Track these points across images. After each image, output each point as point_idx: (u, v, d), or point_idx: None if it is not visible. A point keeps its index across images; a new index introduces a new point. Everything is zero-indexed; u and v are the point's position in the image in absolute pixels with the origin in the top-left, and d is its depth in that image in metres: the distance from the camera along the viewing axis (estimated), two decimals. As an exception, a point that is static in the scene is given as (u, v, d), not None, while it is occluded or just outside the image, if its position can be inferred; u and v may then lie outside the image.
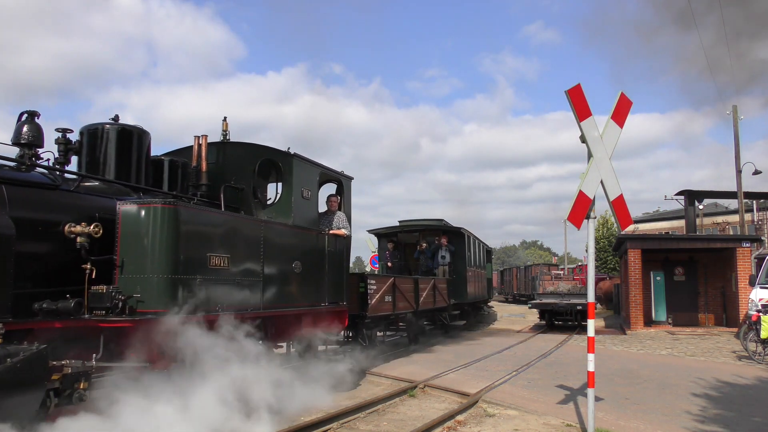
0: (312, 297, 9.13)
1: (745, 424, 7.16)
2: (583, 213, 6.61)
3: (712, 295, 21.05)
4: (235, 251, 7.21)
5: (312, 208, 9.46)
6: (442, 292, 16.92)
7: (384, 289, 12.61)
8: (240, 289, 7.34)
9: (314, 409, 8.02)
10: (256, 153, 8.98)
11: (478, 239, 22.73)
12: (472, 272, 20.38)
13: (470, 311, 22.47)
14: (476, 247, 21.86)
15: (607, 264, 47.72)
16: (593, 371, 6.66)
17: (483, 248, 24.17)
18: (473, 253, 20.84)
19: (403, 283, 14.05)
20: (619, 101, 6.87)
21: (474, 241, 21.35)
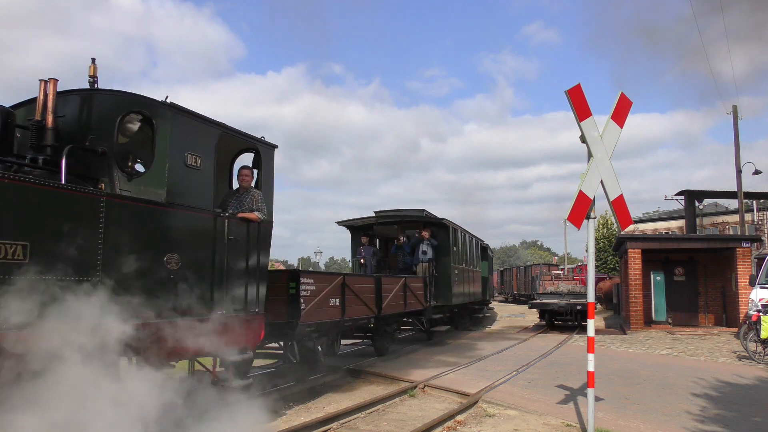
0: (197, 302, 6.58)
1: (745, 424, 7.16)
2: (583, 213, 6.61)
3: (712, 295, 21.06)
4: (42, 238, 4.93)
5: (203, 182, 6.87)
6: (416, 292, 14.51)
7: (328, 291, 9.90)
8: (49, 293, 4.88)
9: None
10: (122, 104, 6.56)
11: (469, 233, 20.67)
12: (461, 270, 18.38)
13: (459, 314, 20.66)
14: (466, 242, 19.93)
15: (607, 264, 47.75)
16: (593, 371, 6.66)
17: (476, 244, 22.41)
18: (462, 249, 18.99)
19: (357, 282, 11.38)
20: (619, 101, 6.87)
21: (463, 236, 19.35)
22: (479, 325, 23.51)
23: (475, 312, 23.88)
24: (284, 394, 9.21)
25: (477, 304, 23.34)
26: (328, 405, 8.65)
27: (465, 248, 19.45)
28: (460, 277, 18.02)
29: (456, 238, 17.83)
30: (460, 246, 18.49)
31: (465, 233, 19.68)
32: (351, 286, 10.88)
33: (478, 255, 23.01)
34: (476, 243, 22.35)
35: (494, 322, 27.28)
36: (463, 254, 18.85)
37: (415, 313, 15.15)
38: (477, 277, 21.96)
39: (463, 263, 18.82)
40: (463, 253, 19.05)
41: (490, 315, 30.19)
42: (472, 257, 20.91)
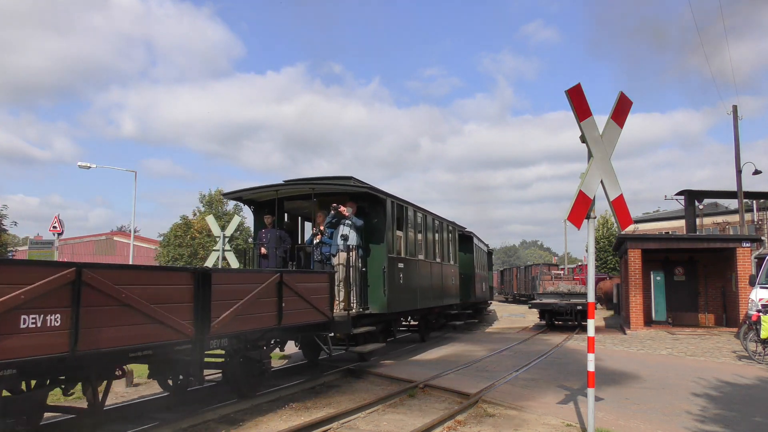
0: None
1: (745, 424, 7.16)
2: (583, 213, 6.61)
3: (712, 295, 21.08)
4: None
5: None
6: (311, 296, 9.27)
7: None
8: None
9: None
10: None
11: (434, 215, 16.29)
12: (412, 264, 13.82)
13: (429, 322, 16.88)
14: (427, 226, 15.54)
15: (607, 264, 47.78)
16: (593, 371, 6.66)
17: (450, 233, 18.26)
18: (417, 235, 14.63)
19: (121, 279, 5.92)
20: (619, 101, 6.87)
21: (419, 217, 14.89)
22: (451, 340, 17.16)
23: (453, 318, 19.85)
24: (284, 394, 9.22)
25: (455, 308, 19.38)
26: (328, 405, 8.65)
27: (423, 234, 15.17)
28: (409, 273, 13.37)
29: (402, 218, 13.31)
30: (412, 230, 14.13)
31: (424, 214, 15.30)
32: (105, 292, 5.70)
33: (453, 246, 18.80)
34: (449, 230, 18.15)
35: (494, 322, 27.28)
36: (418, 242, 14.59)
37: (310, 328, 9.82)
38: (450, 273, 17.83)
39: (419, 254, 14.56)
40: (419, 240, 14.84)
41: (484, 320, 27.48)
42: (439, 248, 16.65)
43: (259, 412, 8.15)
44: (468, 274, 21.48)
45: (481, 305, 26.91)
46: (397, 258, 12.78)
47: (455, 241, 19.25)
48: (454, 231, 19.28)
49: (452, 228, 18.89)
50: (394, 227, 12.73)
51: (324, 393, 9.64)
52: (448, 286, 17.64)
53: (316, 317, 9.55)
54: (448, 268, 17.78)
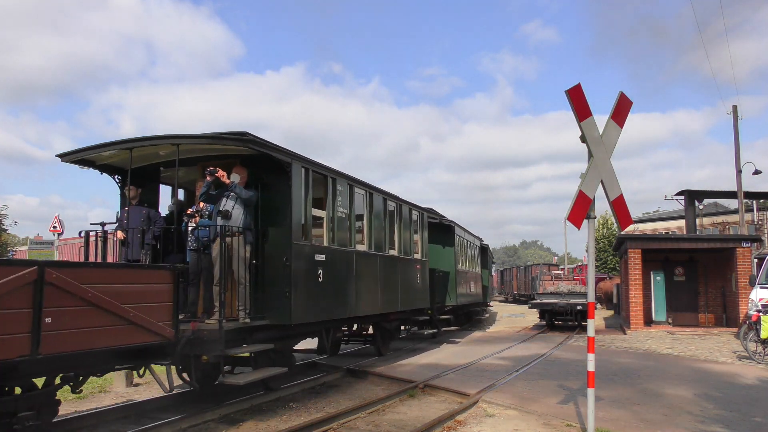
0: None
1: (745, 424, 7.16)
2: (583, 213, 6.61)
3: (712, 295, 21.08)
4: None
5: None
6: (130, 305, 6.31)
7: None
8: None
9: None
10: None
11: (395, 198, 13.00)
12: (347, 258, 10.46)
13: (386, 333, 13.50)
14: (379, 210, 11.96)
15: (607, 264, 47.78)
16: (593, 371, 6.66)
17: (414, 218, 14.42)
18: (360, 221, 11.40)
19: None
20: (619, 101, 6.86)
21: (366, 198, 11.50)
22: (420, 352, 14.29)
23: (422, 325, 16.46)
24: (284, 394, 9.22)
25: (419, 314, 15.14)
26: (328, 405, 8.65)
27: (368, 218, 11.58)
28: (337, 269, 9.98)
29: (326, 194, 9.94)
30: (345, 211, 10.46)
31: (368, 192, 11.57)
32: None
33: (423, 237, 15.09)
34: (413, 216, 14.25)
35: (494, 322, 27.27)
36: (357, 228, 11.12)
37: (123, 355, 6.57)
38: (410, 269, 13.76)
39: (358, 244, 11.08)
40: (361, 226, 11.45)
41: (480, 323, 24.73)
42: (398, 238, 13.16)
43: (259, 412, 8.15)
44: (445, 272, 17.61)
45: (474, 308, 24.01)
46: (311, 247, 9.10)
47: (423, 230, 15.21)
48: (422, 218, 15.18)
49: (418, 214, 14.86)
50: (307, 204, 9.01)
51: (324, 393, 9.64)
52: (410, 286, 13.76)
53: (138, 337, 6.37)
54: (410, 264, 13.81)
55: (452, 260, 18.52)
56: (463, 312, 21.94)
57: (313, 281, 9.13)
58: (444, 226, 18.51)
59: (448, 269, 18.02)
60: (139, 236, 8.56)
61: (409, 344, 16.17)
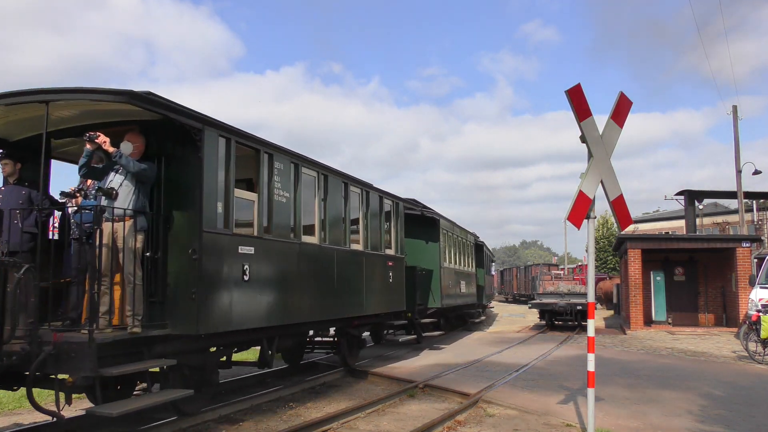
0: None
1: (745, 424, 7.16)
2: (583, 213, 6.61)
3: (712, 295, 21.08)
4: None
5: None
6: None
7: None
8: None
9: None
10: None
11: (354, 181, 11.05)
12: (287, 251, 8.51)
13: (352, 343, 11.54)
14: (330, 194, 9.90)
15: (607, 264, 47.81)
16: (593, 371, 6.65)
17: (386, 208, 12.54)
18: (305, 207, 9.10)
19: None
20: (619, 101, 6.86)
21: (315, 180, 9.58)
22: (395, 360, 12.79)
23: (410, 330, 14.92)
24: (284, 394, 9.22)
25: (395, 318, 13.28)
26: (328, 405, 8.65)
27: (318, 204, 9.62)
28: (271, 265, 8.11)
29: (256, 171, 8.06)
30: (285, 194, 8.46)
31: (316, 171, 9.59)
32: None
33: (397, 229, 13.13)
34: (380, 203, 12.19)
35: (494, 322, 27.28)
36: (299, 214, 8.85)
37: None
38: (379, 267, 11.90)
39: (303, 235, 8.94)
40: (308, 212, 9.26)
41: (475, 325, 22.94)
42: (363, 229, 11.33)
43: (259, 412, 8.15)
44: (429, 270, 15.90)
45: (468, 310, 22.05)
46: (233, 238, 7.25)
47: (398, 222, 13.18)
48: (397, 208, 13.13)
49: (392, 203, 12.92)
50: (228, 184, 7.21)
51: (324, 393, 9.65)
52: (381, 286, 11.94)
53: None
54: (379, 261, 11.94)
55: (436, 257, 16.41)
56: (453, 315, 19.99)
57: (235, 280, 7.22)
58: (426, 218, 16.35)
59: (431, 267, 16.09)
60: (16, 222, 6.75)
61: (386, 351, 14.28)
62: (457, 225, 19.94)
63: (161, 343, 6.61)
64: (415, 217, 15.75)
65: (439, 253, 16.55)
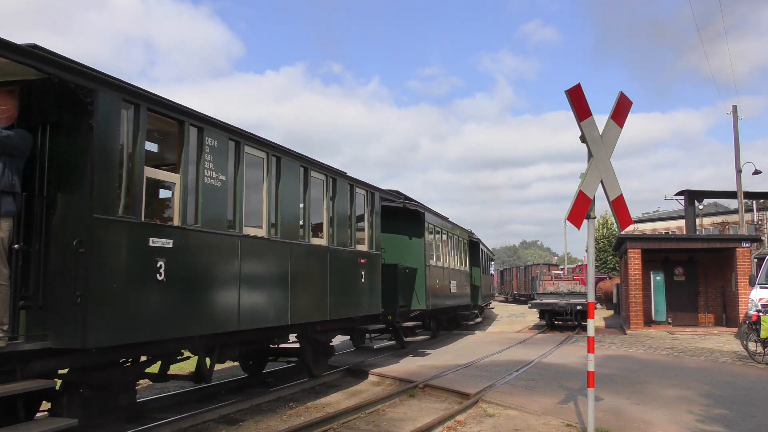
0: None
1: (745, 424, 7.16)
2: (583, 213, 6.61)
3: (712, 295, 21.09)
4: None
5: None
6: None
7: None
8: None
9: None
10: None
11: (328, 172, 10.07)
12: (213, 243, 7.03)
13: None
14: (278, 177, 8.50)
15: (607, 264, 47.82)
16: (593, 371, 6.65)
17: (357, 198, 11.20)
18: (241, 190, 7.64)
19: None
20: (619, 101, 6.86)
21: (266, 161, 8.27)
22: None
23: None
24: (284, 394, 9.22)
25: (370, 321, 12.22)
26: (328, 405, 8.65)
27: (268, 188, 8.28)
28: (189, 262, 6.68)
29: (176, 144, 6.81)
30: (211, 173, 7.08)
31: (264, 153, 8.23)
32: None
33: (372, 222, 11.82)
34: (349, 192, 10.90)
35: (493, 322, 27.27)
36: (240, 201, 7.62)
37: None
38: (348, 264, 10.63)
39: (236, 225, 7.55)
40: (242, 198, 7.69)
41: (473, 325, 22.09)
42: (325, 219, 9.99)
43: (259, 412, 8.16)
44: (412, 268, 14.44)
45: (462, 311, 20.82)
46: (141, 227, 5.96)
47: (373, 214, 11.85)
48: (371, 199, 11.81)
49: (365, 193, 11.61)
50: (134, 159, 6.02)
51: (324, 393, 9.65)
52: (350, 286, 10.66)
53: None
54: (348, 258, 10.64)
55: (421, 254, 14.88)
56: (445, 317, 18.92)
57: (143, 280, 5.90)
58: (410, 212, 14.71)
59: (415, 266, 14.60)
60: None
61: (360, 358, 12.93)
62: (447, 220, 18.63)
63: (41, 359, 5.26)
64: (397, 210, 14.38)
65: (424, 249, 15.03)
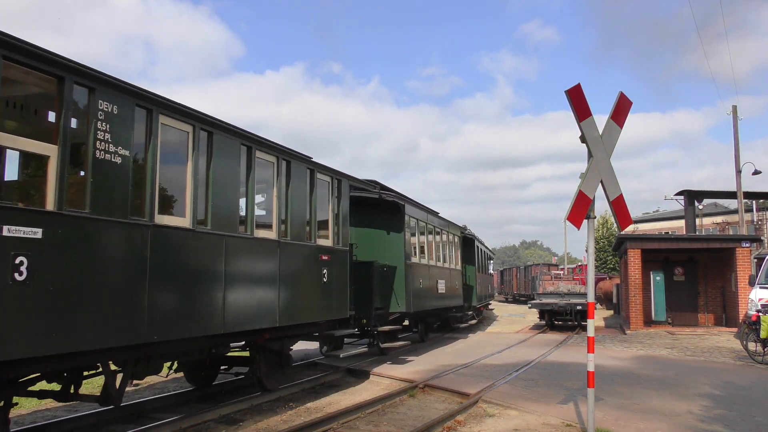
0: None
1: (746, 424, 7.16)
2: (583, 213, 6.61)
3: (712, 295, 21.10)
4: None
5: None
6: None
7: None
8: None
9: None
10: None
11: (279, 153, 8.72)
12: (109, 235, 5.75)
13: None
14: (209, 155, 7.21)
15: (607, 264, 47.81)
16: (593, 371, 6.65)
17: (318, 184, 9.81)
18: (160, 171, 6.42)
19: None
20: (618, 101, 6.87)
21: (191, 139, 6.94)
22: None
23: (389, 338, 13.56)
24: (284, 394, 9.22)
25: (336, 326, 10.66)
26: (328, 405, 8.65)
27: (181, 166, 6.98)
28: (68, 260, 5.32)
29: (60, 110, 5.33)
30: (98, 144, 5.65)
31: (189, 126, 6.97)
32: None
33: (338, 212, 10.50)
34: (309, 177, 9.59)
35: (493, 322, 27.27)
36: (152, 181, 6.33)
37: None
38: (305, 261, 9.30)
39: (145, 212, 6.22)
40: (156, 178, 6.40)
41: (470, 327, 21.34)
42: (274, 207, 8.64)
43: (259, 412, 8.15)
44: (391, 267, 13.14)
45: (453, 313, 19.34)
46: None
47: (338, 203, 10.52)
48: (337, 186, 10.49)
49: (329, 180, 10.27)
50: None
51: (324, 393, 9.65)
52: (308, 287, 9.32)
53: None
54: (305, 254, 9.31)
55: (401, 251, 13.19)
56: (434, 320, 17.70)
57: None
58: (388, 203, 13.10)
59: (395, 263, 13.14)
60: None
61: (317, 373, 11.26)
62: (435, 214, 17.14)
63: None
64: (373, 202, 12.97)
65: (405, 245, 13.33)
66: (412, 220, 14.40)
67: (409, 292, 13.40)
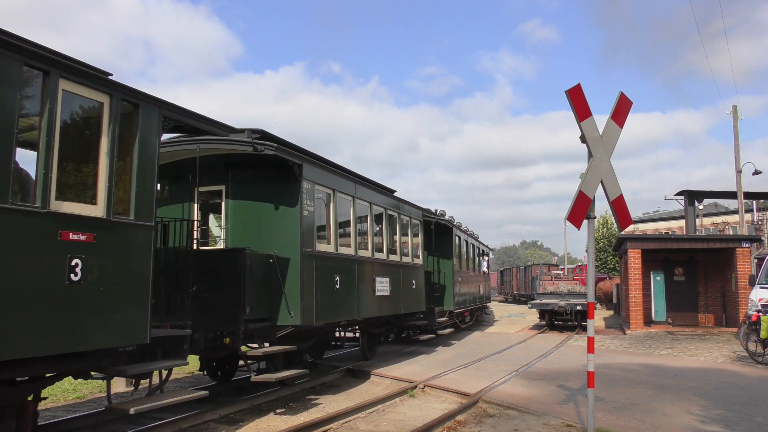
0: None
1: (745, 424, 7.16)
2: (583, 213, 6.61)
3: (712, 295, 21.10)
4: None
5: None
6: None
7: None
8: None
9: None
10: None
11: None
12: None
13: None
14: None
15: (607, 264, 47.79)
16: (593, 371, 6.65)
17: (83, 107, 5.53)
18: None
19: None
20: (619, 101, 6.87)
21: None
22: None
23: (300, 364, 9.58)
24: (284, 394, 9.21)
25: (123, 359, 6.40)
26: (328, 405, 8.65)
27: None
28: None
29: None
30: None
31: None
32: None
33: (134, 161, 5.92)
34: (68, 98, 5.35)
35: (494, 322, 27.26)
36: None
37: None
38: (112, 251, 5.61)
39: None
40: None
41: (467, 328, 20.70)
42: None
43: (259, 412, 8.15)
44: (273, 259, 8.80)
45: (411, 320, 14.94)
46: None
47: (95, 133, 5.63)
48: (113, 104, 5.64)
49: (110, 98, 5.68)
50: None
51: (324, 393, 9.64)
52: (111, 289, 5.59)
53: None
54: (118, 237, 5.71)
55: (296, 234, 8.92)
56: (380, 331, 13.67)
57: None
58: (274, 162, 8.81)
59: (287, 253, 8.92)
60: None
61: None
62: (372, 185, 12.27)
63: None
64: (248, 159, 9.00)
65: (302, 226, 8.95)
66: (320, 190, 9.81)
67: (305, 294, 8.91)
